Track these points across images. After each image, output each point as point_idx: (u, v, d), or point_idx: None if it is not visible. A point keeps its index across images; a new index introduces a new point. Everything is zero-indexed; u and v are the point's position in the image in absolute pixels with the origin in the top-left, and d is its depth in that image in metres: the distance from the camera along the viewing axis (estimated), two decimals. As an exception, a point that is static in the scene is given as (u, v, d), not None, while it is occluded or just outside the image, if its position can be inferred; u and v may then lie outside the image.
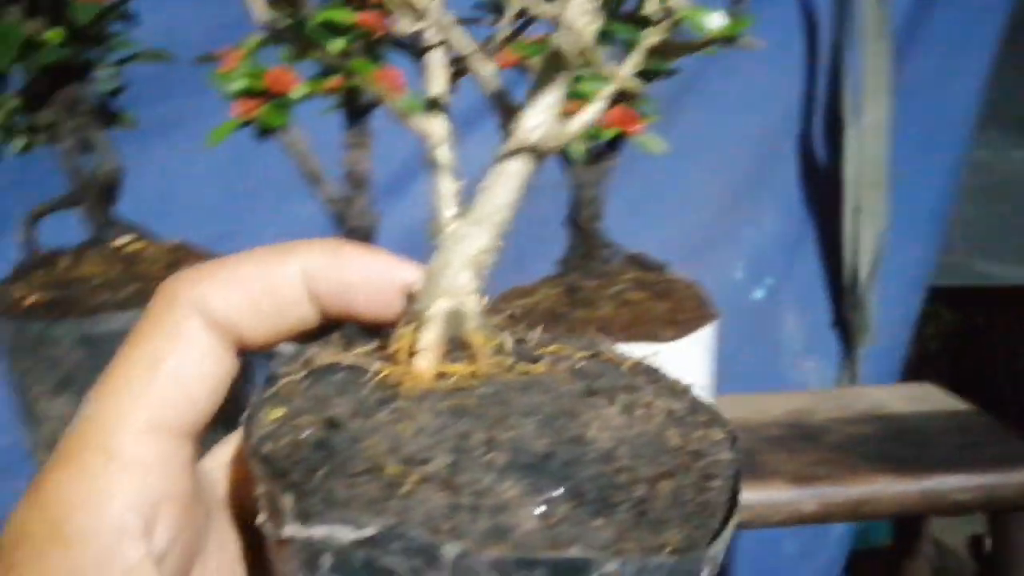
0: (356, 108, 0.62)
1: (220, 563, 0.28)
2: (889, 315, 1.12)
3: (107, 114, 0.64)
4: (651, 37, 0.27)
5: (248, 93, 0.57)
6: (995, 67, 1.11)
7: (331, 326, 0.28)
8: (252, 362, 0.29)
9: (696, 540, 0.22)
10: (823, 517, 0.65)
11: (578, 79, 0.26)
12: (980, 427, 0.73)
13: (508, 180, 0.26)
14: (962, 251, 1.26)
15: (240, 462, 0.29)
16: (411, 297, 0.26)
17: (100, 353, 0.57)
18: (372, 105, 0.63)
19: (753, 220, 1.09)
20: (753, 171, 1.09)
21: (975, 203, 1.21)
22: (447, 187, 0.27)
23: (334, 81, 0.58)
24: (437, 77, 0.27)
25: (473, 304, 0.26)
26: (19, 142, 0.63)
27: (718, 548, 0.22)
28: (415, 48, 0.27)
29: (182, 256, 0.62)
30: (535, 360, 0.25)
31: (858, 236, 1.08)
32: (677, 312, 0.64)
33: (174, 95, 0.92)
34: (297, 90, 0.58)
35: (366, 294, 0.27)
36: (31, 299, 0.58)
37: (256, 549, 0.28)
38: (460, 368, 0.25)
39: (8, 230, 0.83)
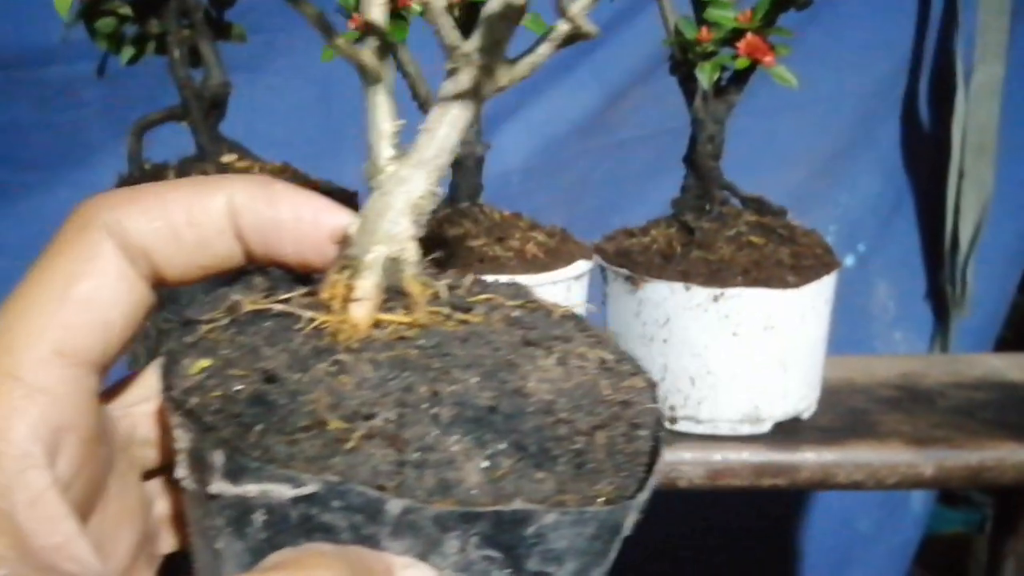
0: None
1: (121, 508, 0.26)
2: (986, 288, 1.07)
3: (218, 26, 0.62)
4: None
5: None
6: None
7: (253, 269, 0.26)
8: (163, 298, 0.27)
9: (625, 489, 0.22)
10: (942, 482, 0.61)
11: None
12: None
13: (450, 123, 0.25)
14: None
15: (148, 406, 0.27)
16: (345, 241, 0.25)
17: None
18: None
19: (848, 183, 1.05)
20: (852, 131, 1.04)
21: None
22: (385, 127, 0.26)
23: (456, -5, 0.55)
24: (376, 6, 0.26)
25: (412, 251, 0.25)
26: (128, 52, 0.61)
27: (644, 497, 0.22)
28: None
29: (288, 177, 0.60)
30: (470, 309, 0.25)
31: (960, 203, 1.03)
32: (800, 258, 0.61)
33: (263, 30, 0.90)
34: (416, 4, 0.55)
35: (294, 235, 0.26)
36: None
37: (161, 499, 0.28)
38: (398, 317, 0.24)
39: (116, 142, 0.83)
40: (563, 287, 0.60)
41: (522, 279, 0.58)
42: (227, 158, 0.61)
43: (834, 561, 1.13)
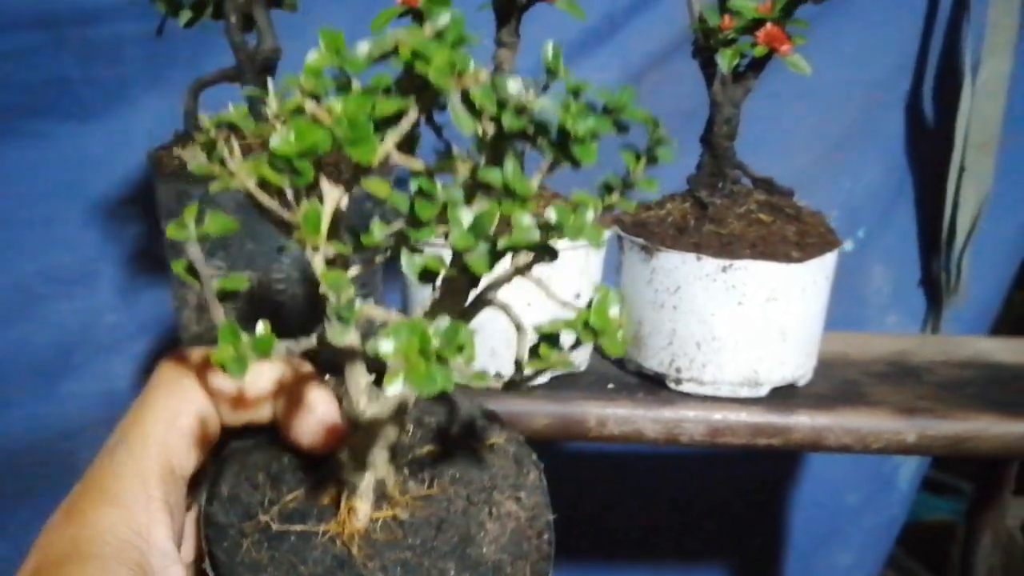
0: (510, 6, 0.64)
1: None
2: (981, 280, 1.12)
3: (271, -6, 0.66)
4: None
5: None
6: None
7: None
8: None
9: None
10: (924, 448, 0.66)
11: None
12: (1083, 383, 0.74)
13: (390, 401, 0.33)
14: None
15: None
16: (341, 465, 0.34)
17: (256, 219, 0.60)
18: (525, 6, 0.64)
19: (851, 170, 1.09)
20: (858, 121, 1.08)
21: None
22: (362, 380, 0.33)
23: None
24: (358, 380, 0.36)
25: (391, 474, 0.35)
26: (186, 15, 0.65)
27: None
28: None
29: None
30: (423, 471, 0.36)
31: (958, 197, 1.07)
32: (805, 236, 0.65)
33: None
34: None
35: (301, 426, 0.34)
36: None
37: None
38: (385, 513, 0.34)
39: (156, 97, 0.87)
40: (582, 252, 0.65)
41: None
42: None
43: (820, 534, 1.18)
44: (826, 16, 1.04)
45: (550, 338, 0.32)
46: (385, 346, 0.26)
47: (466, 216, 0.29)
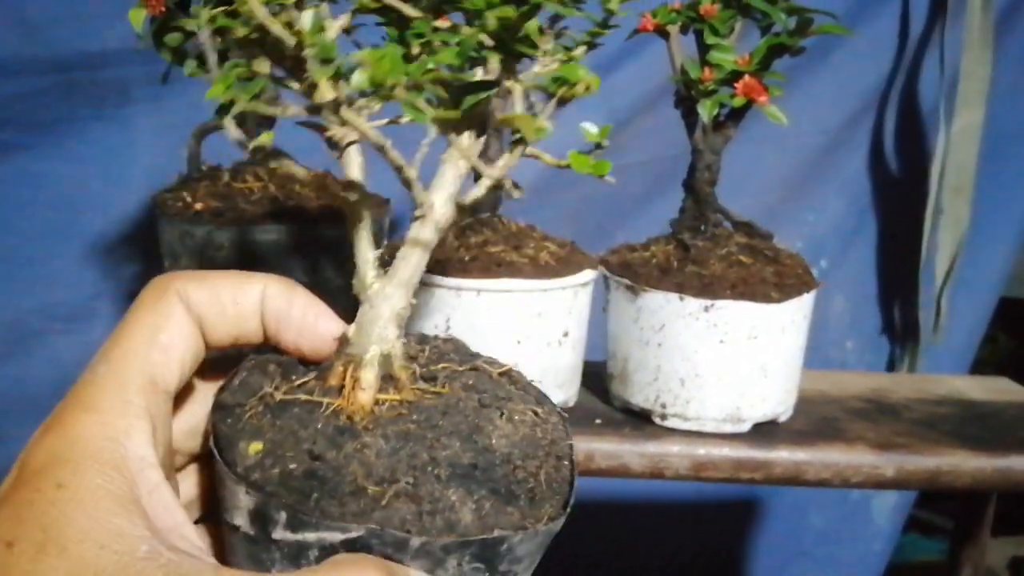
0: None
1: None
2: (957, 319, 1.15)
3: (273, 44, 0.69)
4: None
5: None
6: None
7: (263, 351, 0.36)
8: None
9: (558, 507, 0.33)
10: (902, 483, 0.68)
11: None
12: (1054, 420, 0.76)
13: (419, 249, 0.34)
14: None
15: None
16: (344, 341, 0.34)
17: (255, 259, 0.62)
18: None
19: (816, 205, 1.14)
20: (824, 160, 1.14)
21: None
22: (368, 255, 0.35)
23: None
24: (353, 166, 0.35)
25: (398, 347, 0.35)
26: (190, 65, 0.68)
27: (569, 510, 0.33)
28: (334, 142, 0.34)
29: (328, 182, 0.67)
30: (435, 378, 0.35)
31: (936, 238, 1.11)
32: (783, 277, 0.68)
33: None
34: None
35: (297, 329, 0.35)
36: (198, 206, 0.63)
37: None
38: (391, 396, 0.34)
39: (161, 136, 0.90)
40: (571, 292, 0.67)
41: (534, 283, 0.65)
42: (274, 164, 0.67)
43: (786, 560, 1.20)
44: (802, 64, 1.09)
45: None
46: (357, 78, 0.28)
47: None
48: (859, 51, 1.09)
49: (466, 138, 0.34)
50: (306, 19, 0.31)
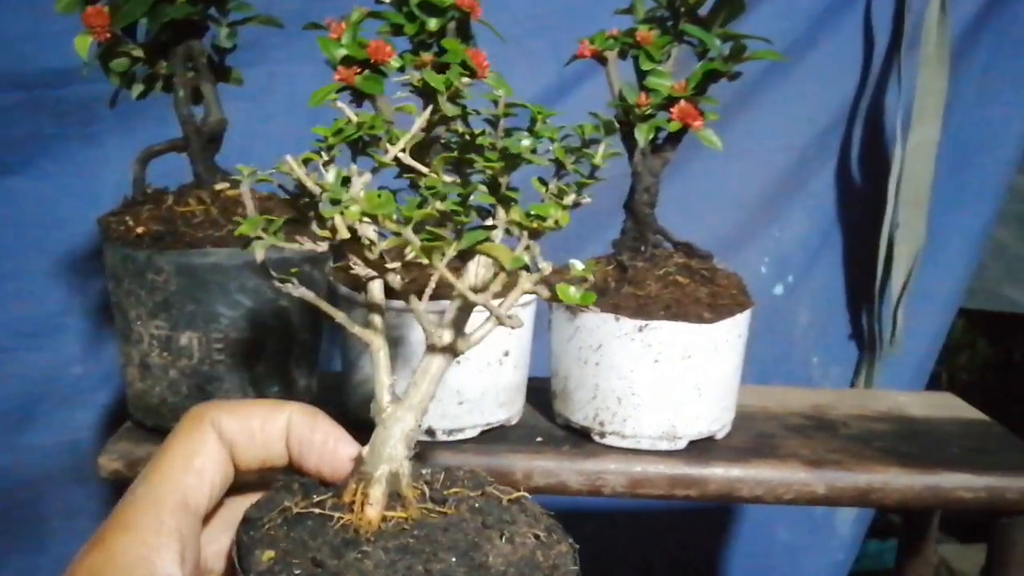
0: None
1: None
2: (916, 330, 1.17)
3: (219, 69, 0.70)
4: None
5: (349, 61, 0.63)
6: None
7: (288, 476, 0.39)
8: None
9: None
10: (833, 500, 0.70)
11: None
12: (993, 435, 0.78)
13: (430, 376, 0.38)
14: (993, 277, 1.29)
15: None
16: (360, 460, 0.37)
17: (196, 283, 0.64)
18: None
19: (781, 221, 1.16)
20: (789, 176, 1.15)
21: (1010, 228, 1.25)
22: (385, 380, 0.38)
23: (427, 57, 0.64)
24: (376, 294, 0.40)
25: (406, 467, 0.37)
26: (138, 88, 0.70)
27: None
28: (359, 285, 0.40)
29: (273, 205, 0.68)
30: (445, 500, 0.37)
31: (893, 252, 1.12)
32: (717, 297, 0.69)
33: (266, 61, 0.97)
34: (393, 61, 0.64)
35: (320, 454, 0.38)
36: (139, 230, 0.65)
37: None
38: (398, 514, 0.36)
39: (127, 153, 0.91)
40: (513, 311, 0.69)
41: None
42: (221, 185, 0.69)
43: (757, 570, 1.22)
44: (767, 82, 1.11)
45: None
46: (353, 209, 0.36)
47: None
48: (825, 69, 1.11)
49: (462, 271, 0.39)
50: (331, 175, 0.38)
